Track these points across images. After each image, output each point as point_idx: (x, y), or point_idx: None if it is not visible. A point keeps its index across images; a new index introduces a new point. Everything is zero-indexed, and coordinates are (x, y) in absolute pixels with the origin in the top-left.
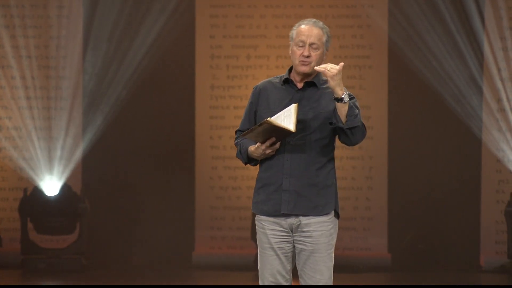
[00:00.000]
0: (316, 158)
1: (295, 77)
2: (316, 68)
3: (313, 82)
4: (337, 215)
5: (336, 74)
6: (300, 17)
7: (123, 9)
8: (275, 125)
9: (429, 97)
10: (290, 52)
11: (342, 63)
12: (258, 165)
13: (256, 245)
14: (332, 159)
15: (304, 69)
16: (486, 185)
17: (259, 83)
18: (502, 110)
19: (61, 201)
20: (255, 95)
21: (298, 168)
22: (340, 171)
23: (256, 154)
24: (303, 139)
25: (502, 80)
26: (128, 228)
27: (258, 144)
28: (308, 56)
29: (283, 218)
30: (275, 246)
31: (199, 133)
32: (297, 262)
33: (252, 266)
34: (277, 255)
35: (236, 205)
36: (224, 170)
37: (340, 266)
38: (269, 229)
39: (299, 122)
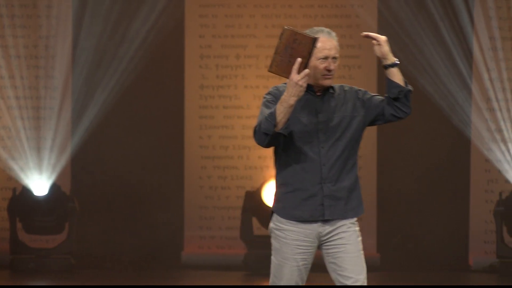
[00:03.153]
0: (345, 161)
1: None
2: (370, 34)
3: (331, 86)
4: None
5: (386, 42)
6: (290, 17)
7: (112, 8)
8: (294, 30)
9: (418, 97)
10: None
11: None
12: (279, 167)
13: (245, 244)
14: (357, 160)
15: (329, 82)
16: (475, 185)
17: (275, 87)
18: (491, 110)
19: (50, 201)
20: (276, 95)
21: (334, 172)
22: None
23: (286, 96)
24: (335, 143)
25: (491, 80)
26: (117, 228)
27: (286, 85)
28: (332, 70)
29: (311, 226)
30: (298, 257)
31: (189, 133)
32: (332, 271)
33: (241, 265)
34: (298, 266)
35: (225, 205)
36: (213, 170)
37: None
38: (292, 240)
39: (327, 129)
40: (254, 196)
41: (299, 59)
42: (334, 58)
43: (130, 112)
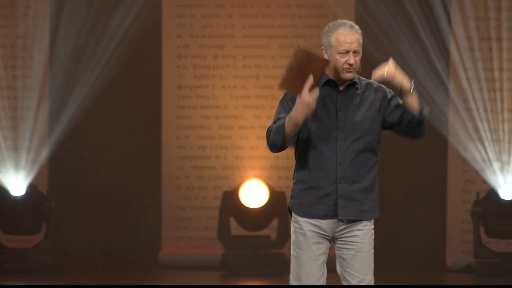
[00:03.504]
0: (365, 161)
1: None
2: (376, 79)
3: (354, 82)
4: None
5: (395, 69)
6: (267, 17)
7: (90, 8)
8: (307, 50)
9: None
10: (328, 55)
11: (391, 58)
12: (297, 165)
13: (222, 244)
14: (377, 162)
15: (350, 75)
16: (452, 185)
17: None
18: (468, 110)
19: (28, 201)
20: (294, 96)
21: (350, 172)
22: None
23: (295, 113)
24: (353, 143)
25: (468, 80)
26: (95, 228)
27: (297, 101)
28: (353, 64)
29: (326, 221)
30: (313, 246)
31: (166, 133)
32: (340, 267)
33: (218, 266)
34: (315, 255)
35: (203, 205)
36: (191, 170)
37: None
38: (308, 230)
39: (345, 128)
40: (231, 196)
41: (311, 78)
42: (355, 52)
43: (108, 112)
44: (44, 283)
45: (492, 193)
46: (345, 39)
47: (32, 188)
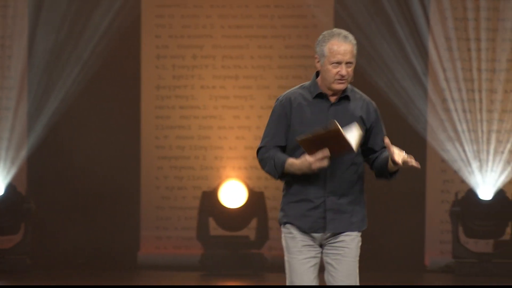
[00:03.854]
0: (352, 175)
1: (325, 90)
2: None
3: (347, 95)
4: None
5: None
6: (246, 17)
7: (68, 8)
8: (341, 134)
9: (374, 97)
10: (318, 66)
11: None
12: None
13: (201, 245)
14: (362, 174)
15: (341, 87)
16: (431, 185)
17: (286, 93)
18: (447, 110)
19: (6, 201)
20: (286, 107)
21: (340, 185)
22: None
23: (297, 167)
24: (343, 156)
25: (447, 80)
26: (73, 228)
27: (305, 156)
28: (345, 75)
29: (316, 233)
30: (304, 249)
31: (145, 133)
32: (326, 271)
33: (197, 266)
34: (305, 259)
35: (182, 205)
36: (170, 170)
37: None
38: (298, 234)
39: None
40: (210, 197)
41: (327, 152)
42: (348, 63)
43: (86, 112)
44: (22, 283)
45: (471, 193)
46: (338, 49)
47: (11, 188)
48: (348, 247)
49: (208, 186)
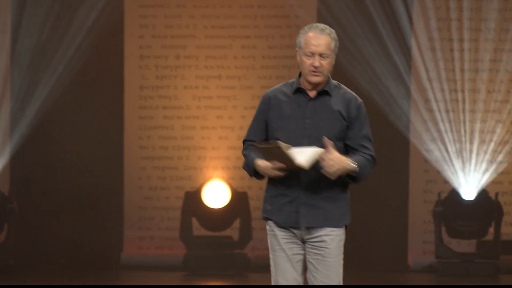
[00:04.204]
0: None
1: (305, 85)
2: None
3: (326, 90)
4: (345, 227)
5: (334, 169)
6: (229, 17)
7: (51, 8)
8: (285, 153)
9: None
10: (298, 59)
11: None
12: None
13: (185, 245)
14: (350, 177)
15: (316, 79)
16: (414, 185)
17: (269, 90)
18: (430, 110)
19: None
20: (265, 103)
21: (315, 180)
22: None
23: (261, 170)
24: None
25: (430, 80)
26: (57, 229)
27: (267, 163)
28: (318, 67)
29: (294, 228)
30: (285, 246)
31: (128, 133)
32: (308, 270)
33: (180, 266)
34: (287, 256)
35: (165, 206)
36: (153, 170)
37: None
38: (279, 231)
39: (312, 135)
40: (193, 197)
41: (279, 164)
42: (322, 55)
43: (70, 113)
44: (6, 284)
45: (454, 194)
46: (312, 41)
47: None
48: (328, 247)
49: (191, 186)
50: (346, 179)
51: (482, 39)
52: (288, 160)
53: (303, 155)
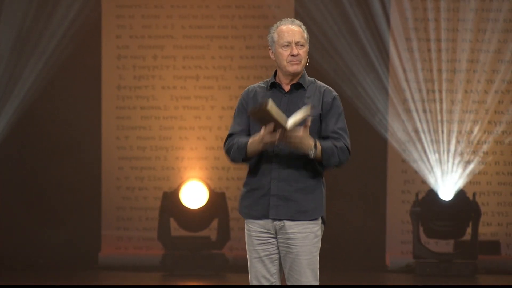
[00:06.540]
0: (304, 163)
1: (281, 80)
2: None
3: (299, 83)
4: (323, 221)
5: (292, 144)
6: (207, 18)
7: (28, 8)
8: (268, 112)
9: None
10: (272, 56)
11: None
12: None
13: (162, 245)
14: (320, 163)
15: (296, 68)
16: (392, 185)
17: (249, 86)
18: (407, 111)
19: None
20: (244, 98)
21: (287, 172)
22: None
23: (256, 143)
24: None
25: (407, 81)
26: (34, 229)
27: (261, 132)
28: (297, 55)
29: (270, 221)
30: (258, 248)
31: (106, 134)
32: (283, 266)
33: (158, 266)
34: (260, 257)
35: (142, 206)
36: (130, 171)
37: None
38: (254, 231)
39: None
40: (171, 197)
41: (270, 127)
42: (298, 43)
43: (46, 113)
44: None
45: (432, 194)
46: (286, 32)
47: None
48: (301, 245)
49: (169, 186)
50: (316, 165)
51: (459, 40)
52: (276, 122)
53: (292, 118)
